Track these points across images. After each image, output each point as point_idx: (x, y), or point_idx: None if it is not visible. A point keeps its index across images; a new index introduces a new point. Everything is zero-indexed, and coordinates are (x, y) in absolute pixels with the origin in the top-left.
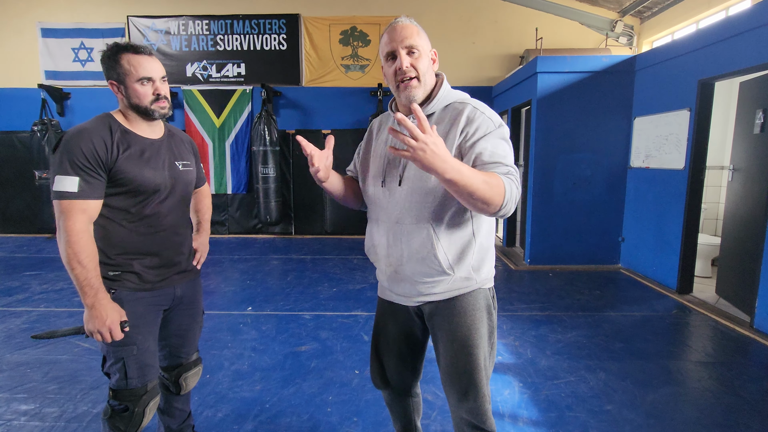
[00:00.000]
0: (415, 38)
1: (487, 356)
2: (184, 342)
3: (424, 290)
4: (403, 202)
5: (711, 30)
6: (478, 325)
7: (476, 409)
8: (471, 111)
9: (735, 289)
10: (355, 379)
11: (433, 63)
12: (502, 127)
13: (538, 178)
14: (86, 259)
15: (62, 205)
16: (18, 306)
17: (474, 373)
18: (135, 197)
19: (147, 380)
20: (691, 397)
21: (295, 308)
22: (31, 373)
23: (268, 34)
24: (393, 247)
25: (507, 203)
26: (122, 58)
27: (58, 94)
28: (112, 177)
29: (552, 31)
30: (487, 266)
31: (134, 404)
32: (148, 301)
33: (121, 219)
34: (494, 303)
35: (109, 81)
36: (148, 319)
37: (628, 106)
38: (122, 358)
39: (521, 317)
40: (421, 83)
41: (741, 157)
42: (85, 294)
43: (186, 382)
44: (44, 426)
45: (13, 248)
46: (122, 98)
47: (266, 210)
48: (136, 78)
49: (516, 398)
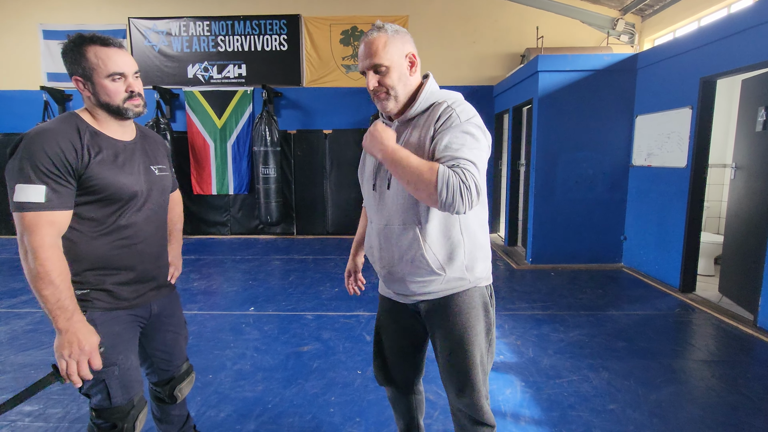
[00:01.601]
0: (380, 54)
1: (484, 353)
2: (172, 357)
3: (417, 290)
4: (391, 205)
5: (713, 27)
6: (473, 324)
7: (472, 405)
8: (444, 108)
9: (738, 287)
10: (358, 379)
11: (411, 67)
12: (468, 122)
13: (540, 177)
14: (58, 279)
15: (26, 218)
16: (22, 307)
17: (470, 370)
18: (109, 206)
19: (132, 395)
20: (694, 396)
21: (297, 308)
22: (35, 374)
23: (269, 34)
24: (384, 249)
25: (441, 192)
26: (88, 50)
27: (60, 95)
28: (82, 184)
29: (553, 30)
30: (481, 265)
31: (122, 421)
32: (123, 319)
33: (92, 230)
34: (492, 300)
35: (73, 77)
36: (126, 337)
37: (630, 105)
38: (103, 379)
39: (523, 316)
40: (391, 95)
41: (743, 155)
42: (56, 317)
43: (181, 392)
44: (48, 426)
45: (16, 250)
46: (89, 96)
47: (267, 210)
48: (106, 73)
49: (518, 397)
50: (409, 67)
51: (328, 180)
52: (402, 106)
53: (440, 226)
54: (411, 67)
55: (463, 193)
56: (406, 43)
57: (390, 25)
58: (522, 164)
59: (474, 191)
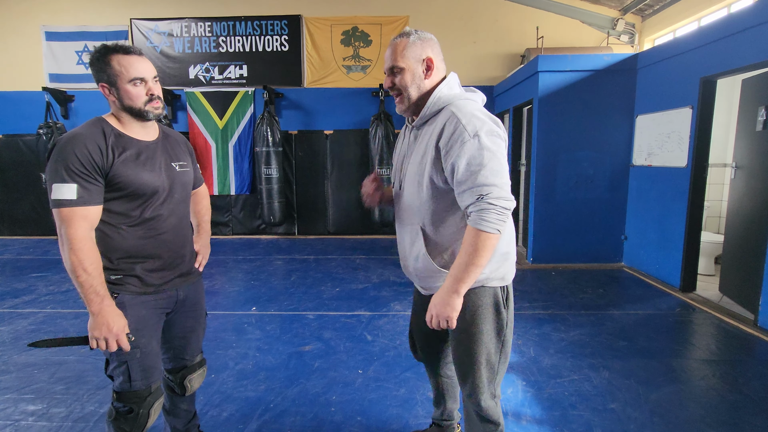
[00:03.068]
0: (396, 58)
1: (492, 353)
2: (188, 344)
3: (426, 285)
4: (402, 204)
5: (713, 27)
6: (479, 322)
7: (472, 396)
8: (449, 117)
9: (739, 286)
10: (359, 378)
11: (428, 70)
12: (477, 135)
13: (540, 177)
14: (90, 267)
15: (62, 213)
16: (25, 307)
17: (471, 366)
18: (134, 201)
19: (151, 382)
20: (695, 395)
21: (298, 308)
22: (38, 374)
23: (270, 35)
24: (400, 244)
25: (493, 236)
26: (112, 59)
27: (62, 96)
28: (109, 182)
29: (553, 30)
30: (493, 266)
31: (139, 406)
32: (151, 304)
33: (121, 223)
34: (506, 302)
35: (99, 84)
36: (151, 322)
37: (630, 104)
38: (125, 361)
39: (524, 316)
40: (404, 97)
41: (744, 155)
42: (90, 301)
43: (191, 383)
44: (52, 426)
45: (19, 250)
46: (114, 101)
47: (269, 210)
48: (128, 79)
49: (519, 397)
50: (425, 71)
51: (329, 180)
52: (416, 107)
53: (446, 228)
54: (428, 71)
55: (502, 217)
56: (426, 48)
57: (419, 32)
58: (522, 164)
59: (507, 210)
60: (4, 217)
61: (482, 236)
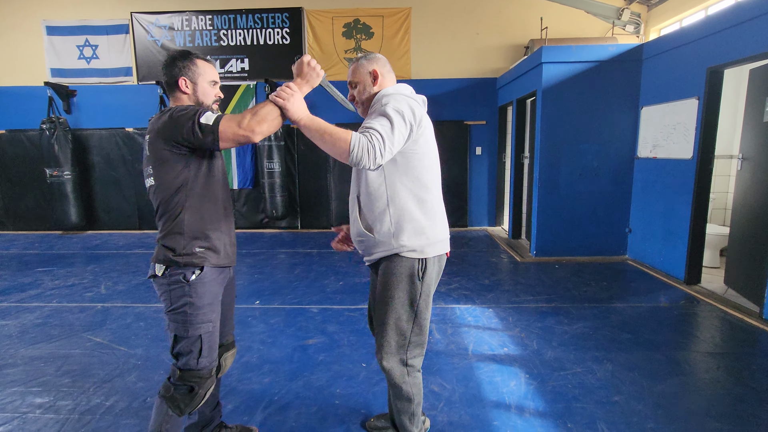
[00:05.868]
0: (351, 76)
1: (402, 320)
2: (226, 321)
3: (365, 252)
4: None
5: (720, 16)
6: (391, 288)
7: (377, 354)
8: (375, 100)
9: (744, 279)
10: (363, 372)
11: (375, 79)
12: (387, 106)
13: (544, 170)
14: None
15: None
16: (31, 302)
17: (380, 326)
18: (216, 181)
19: (212, 361)
20: (699, 388)
21: (302, 302)
22: (44, 367)
23: (272, 28)
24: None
25: (352, 149)
26: (197, 61)
27: (64, 91)
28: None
29: (557, 21)
30: (408, 235)
31: (199, 386)
32: (218, 280)
33: (209, 198)
34: (421, 275)
35: (180, 78)
36: (218, 298)
37: (635, 96)
38: (200, 335)
39: (527, 309)
40: (358, 102)
41: (750, 146)
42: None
43: (226, 362)
44: (59, 418)
45: (25, 245)
46: (190, 95)
47: (273, 204)
48: (209, 79)
49: (522, 389)
50: (372, 80)
51: (331, 174)
52: (367, 109)
53: (371, 195)
54: (375, 80)
55: (369, 151)
56: (373, 63)
57: (368, 54)
58: (526, 157)
59: (378, 151)
60: (9, 212)
61: (342, 134)
